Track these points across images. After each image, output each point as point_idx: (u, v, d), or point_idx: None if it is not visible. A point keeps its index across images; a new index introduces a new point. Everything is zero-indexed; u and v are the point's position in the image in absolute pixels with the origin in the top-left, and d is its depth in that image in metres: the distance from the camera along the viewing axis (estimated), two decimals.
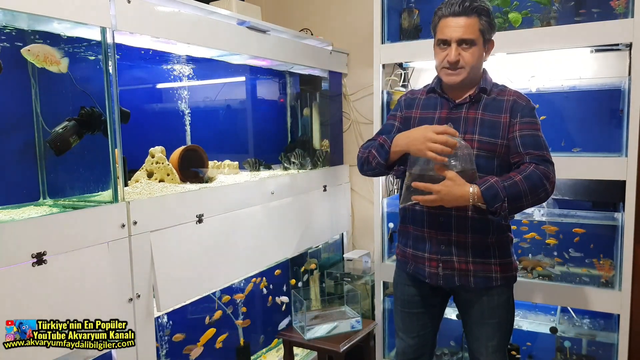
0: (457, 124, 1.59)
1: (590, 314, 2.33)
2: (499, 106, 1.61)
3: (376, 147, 1.62)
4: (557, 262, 2.36)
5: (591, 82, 2.24)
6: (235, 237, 2.06)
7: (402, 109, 1.75)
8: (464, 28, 1.55)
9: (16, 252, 1.31)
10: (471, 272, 1.60)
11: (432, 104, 1.69)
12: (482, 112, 1.60)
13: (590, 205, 2.33)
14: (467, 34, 1.55)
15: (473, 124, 1.59)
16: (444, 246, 1.61)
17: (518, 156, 1.54)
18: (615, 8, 2.07)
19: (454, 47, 1.56)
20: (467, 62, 1.57)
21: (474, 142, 1.56)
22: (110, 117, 1.59)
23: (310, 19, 3.10)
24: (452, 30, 1.56)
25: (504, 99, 1.62)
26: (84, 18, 1.48)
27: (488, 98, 1.62)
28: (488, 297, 1.63)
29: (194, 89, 2.37)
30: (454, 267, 1.61)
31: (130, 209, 1.60)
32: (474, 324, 1.67)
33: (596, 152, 2.26)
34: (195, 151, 2.18)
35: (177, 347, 2.09)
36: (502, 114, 1.59)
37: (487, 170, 1.55)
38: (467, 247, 1.60)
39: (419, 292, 1.74)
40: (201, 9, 1.94)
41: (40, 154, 1.75)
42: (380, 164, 1.60)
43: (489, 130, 1.58)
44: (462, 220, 1.58)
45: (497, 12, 2.29)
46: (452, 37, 1.56)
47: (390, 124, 1.75)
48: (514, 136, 1.56)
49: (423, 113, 1.69)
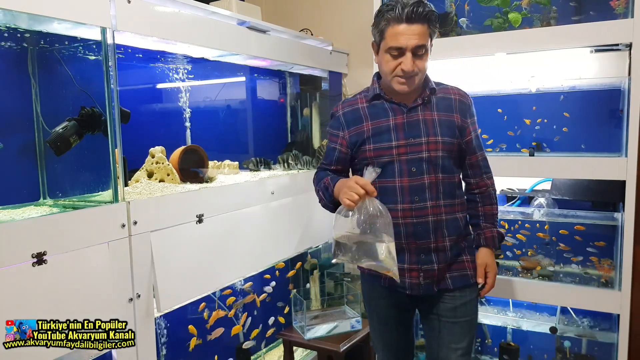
0: (416, 128, 1.57)
1: (590, 314, 2.33)
2: (448, 105, 1.62)
3: (322, 190, 1.62)
4: (557, 262, 2.36)
5: (591, 82, 2.24)
6: (235, 237, 2.06)
7: (344, 128, 1.64)
8: (419, 36, 1.48)
9: (16, 252, 1.31)
10: (448, 275, 1.61)
11: (381, 111, 1.62)
12: (437, 113, 1.60)
13: (590, 205, 2.33)
14: (422, 41, 1.49)
15: (433, 126, 1.58)
16: (423, 255, 1.58)
17: (474, 157, 1.66)
18: (615, 8, 2.07)
19: (409, 56, 1.50)
20: (421, 69, 1.54)
21: (438, 144, 1.56)
22: (110, 117, 1.59)
23: (310, 19, 3.10)
24: (407, 39, 1.48)
25: (450, 97, 1.63)
26: (84, 18, 1.48)
27: (437, 97, 1.62)
28: (461, 294, 1.63)
29: (194, 89, 2.37)
30: (434, 274, 1.59)
31: (131, 209, 1.60)
32: (444, 325, 1.63)
33: (596, 152, 2.26)
34: (196, 151, 2.18)
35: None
36: (453, 114, 1.61)
37: (449, 170, 1.59)
38: (446, 251, 1.59)
39: (396, 303, 1.70)
40: (201, 9, 1.94)
41: (40, 154, 1.75)
42: (328, 206, 1.62)
43: (447, 131, 1.59)
44: (439, 224, 1.57)
45: (497, 12, 2.30)
46: (408, 45, 1.49)
47: (332, 149, 1.68)
48: (470, 138, 1.64)
49: (375, 123, 1.60)
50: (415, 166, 1.56)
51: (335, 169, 1.69)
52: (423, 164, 1.56)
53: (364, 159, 1.61)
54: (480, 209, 1.69)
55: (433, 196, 1.56)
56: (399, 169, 1.56)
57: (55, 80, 1.75)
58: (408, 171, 1.56)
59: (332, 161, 1.68)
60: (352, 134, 1.63)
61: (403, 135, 1.57)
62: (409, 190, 1.55)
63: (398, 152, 1.56)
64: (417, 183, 1.55)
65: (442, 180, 1.57)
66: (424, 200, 1.55)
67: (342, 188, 1.49)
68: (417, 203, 1.55)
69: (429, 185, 1.56)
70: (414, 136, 1.56)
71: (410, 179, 1.55)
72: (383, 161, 1.57)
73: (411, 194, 1.55)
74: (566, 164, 2.13)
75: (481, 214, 1.68)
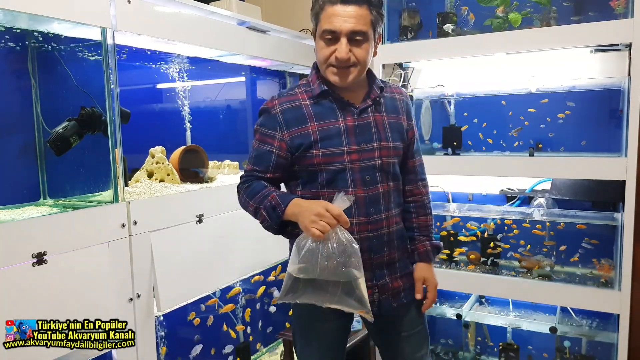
0: (367, 132, 1.41)
1: (590, 314, 2.33)
2: (395, 106, 1.49)
3: (266, 208, 1.34)
4: (557, 262, 2.36)
5: (591, 82, 2.24)
6: (235, 237, 2.06)
7: (283, 129, 1.38)
8: (356, 19, 1.31)
9: (16, 252, 1.31)
10: (401, 287, 1.49)
11: (328, 111, 1.40)
12: (387, 116, 1.45)
13: (590, 205, 2.33)
14: (359, 26, 1.31)
15: (384, 129, 1.43)
16: (378, 270, 1.44)
17: (411, 162, 1.55)
18: (614, 8, 2.07)
19: (344, 42, 1.32)
20: (360, 59, 1.35)
21: (390, 150, 1.43)
22: (110, 117, 1.59)
23: (310, 19, 3.10)
24: (341, 21, 1.31)
25: (395, 97, 1.50)
26: (84, 18, 1.49)
27: (384, 98, 1.47)
28: (415, 306, 1.53)
29: (194, 89, 2.37)
30: (388, 289, 1.46)
31: (131, 209, 1.60)
32: (404, 339, 1.52)
33: (596, 152, 2.26)
34: (196, 151, 2.18)
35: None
36: (401, 116, 1.49)
37: (398, 178, 1.48)
38: (394, 263, 1.47)
39: (341, 324, 1.51)
40: (201, 9, 1.94)
41: (41, 154, 1.75)
42: (273, 228, 1.36)
43: (397, 135, 1.46)
44: (391, 236, 1.45)
45: (496, 12, 2.30)
46: (343, 29, 1.31)
47: (267, 152, 1.40)
48: (413, 140, 1.54)
49: (323, 125, 1.38)
50: (369, 174, 1.40)
51: (273, 177, 1.42)
52: (376, 172, 1.41)
53: (309, 166, 1.39)
54: (415, 220, 1.55)
55: (386, 207, 1.43)
56: (352, 178, 1.38)
57: (56, 81, 1.75)
58: (362, 180, 1.39)
59: (268, 167, 1.40)
60: (294, 136, 1.38)
61: (354, 140, 1.39)
62: (364, 202, 1.39)
63: (350, 158, 1.38)
64: (372, 193, 1.40)
65: (392, 189, 1.45)
66: (379, 212, 1.41)
67: (303, 213, 1.26)
68: (373, 215, 1.40)
69: (383, 195, 1.42)
70: (365, 141, 1.40)
71: (365, 189, 1.39)
72: (333, 168, 1.38)
73: (367, 205, 1.39)
74: (566, 164, 2.12)
75: (415, 226, 1.55)
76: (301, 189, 1.43)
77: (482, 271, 2.38)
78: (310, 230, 1.22)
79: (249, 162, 1.44)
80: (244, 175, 1.45)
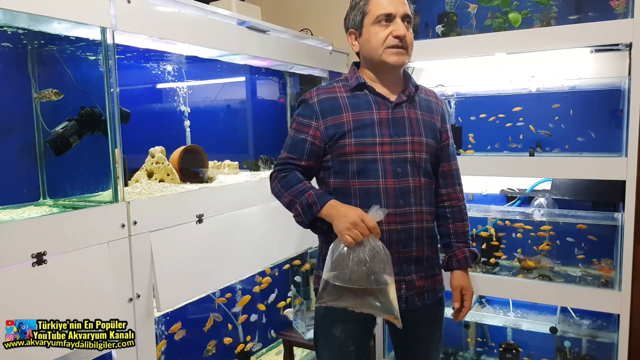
0: (401, 126, 1.45)
1: (590, 314, 2.33)
2: (429, 106, 1.53)
3: (302, 204, 1.39)
4: (557, 263, 2.36)
5: (591, 82, 2.24)
6: (235, 237, 2.06)
7: (319, 118, 1.44)
8: (405, 5, 1.42)
9: (16, 252, 1.31)
10: (424, 288, 1.49)
11: (363, 103, 1.45)
12: (421, 112, 1.49)
13: (590, 205, 2.33)
14: (409, 11, 1.42)
15: (417, 125, 1.47)
16: (406, 265, 1.44)
17: (448, 165, 1.57)
18: (615, 8, 2.07)
19: (400, 22, 1.40)
20: (410, 42, 1.43)
21: (422, 145, 1.46)
22: (110, 117, 1.59)
23: (310, 19, 3.10)
24: (396, 3, 1.40)
25: (431, 100, 1.55)
26: (84, 18, 1.48)
27: (419, 96, 1.52)
28: (436, 309, 1.55)
29: (193, 89, 2.37)
30: (414, 286, 1.46)
31: (130, 209, 1.60)
32: (423, 341, 1.53)
33: (596, 152, 2.26)
34: (196, 151, 2.18)
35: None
36: (435, 116, 1.53)
37: (430, 175, 1.50)
38: (422, 261, 1.47)
39: (363, 325, 1.50)
40: (201, 9, 1.94)
41: (40, 154, 1.75)
42: (304, 223, 1.42)
43: (431, 133, 1.49)
44: (421, 232, 1.45)
45: (497, 12, 2.30)
46: (398, 11, 1.40)
47: (302, 140, 1.45)
48: (447, 144, 1.56)
49: (357, 115, 1.43)
50: (400, 167, 1.42)
51: (307, 165, 1.47)
52: (407, 165, 1.43)
53: (341, 155, 1.43)
54: (451, 226, 1.56)
55: (417, 201, 1.44)
56: (383, 169, 1.41)
57: (55, 80, 1.74)
58: (393, 172, 1.41)
59: (302, 155, 1.45)
60: (328, 125, 1.43)
61: (387, 132, 1.43)
62: (394, 193, 1.41)
63: (382, 150, 1.41)
64: (402, 185, 1.42)
65: (424, 185, 1.46)
66: (409, 205, 1.42)
67: (340, 218, 1.30)
68: (402, 207, 1.42)
69: (414, 188, 1.43)
70: (398, 134, 1.44)
71: (395, 181, 1.41)
72: (364, 158, 1.41)
73: (396, 197, 1.41)
74: (566, 164, 2.13)
75: (452, 233, 1.55)
76: (333, 179, 1.47)
77: (482, 271, 2.38)
78: (344, 236, 1.27)
79: (284, 150, 1.50)
80: (279, 163, 1.50)
